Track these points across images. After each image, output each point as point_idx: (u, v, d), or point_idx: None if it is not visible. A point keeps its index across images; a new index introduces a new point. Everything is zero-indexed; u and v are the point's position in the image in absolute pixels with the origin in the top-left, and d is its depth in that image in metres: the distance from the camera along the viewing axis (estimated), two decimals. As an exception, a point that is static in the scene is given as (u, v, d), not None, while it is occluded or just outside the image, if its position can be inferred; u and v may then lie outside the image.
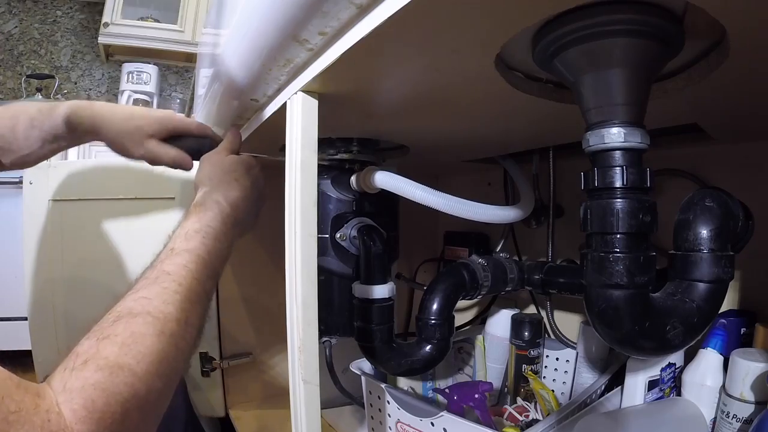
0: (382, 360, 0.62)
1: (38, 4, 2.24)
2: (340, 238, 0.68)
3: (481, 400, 0.65)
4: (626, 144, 0.33)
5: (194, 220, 0.49)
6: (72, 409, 0.30)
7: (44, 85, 2.15)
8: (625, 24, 0.31)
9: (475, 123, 0.57)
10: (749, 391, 0.49)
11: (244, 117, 0.64)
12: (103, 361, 0.33)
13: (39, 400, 0.28)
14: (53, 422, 0.28)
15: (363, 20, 0.31)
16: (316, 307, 0.43)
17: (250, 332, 0.97)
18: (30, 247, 0.86)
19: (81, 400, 0.30)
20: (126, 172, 0.87)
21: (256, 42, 0.41)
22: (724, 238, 0.43)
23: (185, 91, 2.43)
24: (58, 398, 0.30)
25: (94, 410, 0.30)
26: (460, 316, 1.03)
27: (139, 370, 0.34)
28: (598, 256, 0.35)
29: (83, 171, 0.92)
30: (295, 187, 0.44)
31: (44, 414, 0.28)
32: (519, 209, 0.70)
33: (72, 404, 0.30)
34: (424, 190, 0.58)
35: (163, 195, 0.92)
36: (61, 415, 0.29)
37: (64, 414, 0.29)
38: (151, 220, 0.92)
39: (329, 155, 0.69)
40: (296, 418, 0.43)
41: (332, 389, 0.79)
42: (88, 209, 0.89)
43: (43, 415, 0.28)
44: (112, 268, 0.89)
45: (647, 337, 0.36)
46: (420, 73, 0.38)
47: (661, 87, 0.42)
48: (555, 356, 0.81)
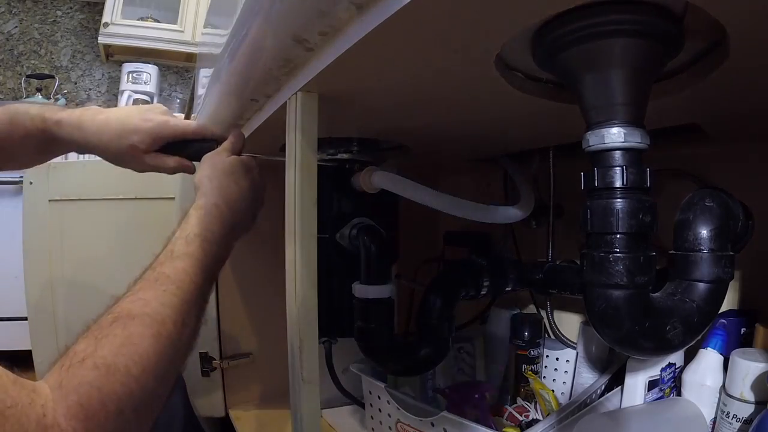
0: (382, 360, 0.62)
1: (38, 4, 2.24)
2: (340, 238, 0.69)
3: (481, 400, 0.65)
4: (626, 144, 0.33)
5: (194, 223, 0.49)
6: (67, 406, 0.30)
7: (44, 85, 2.15)
8: (625, 24, 0.31)
9: (475, 123, 0.57)
10: (749, 391, 0.49)
11: (244, 117, 0.64)
12: (100, 360, 0.33)
13: (34, 396, 0.29)
14: (48, 417, 0.29)
15: (363, 20, 0.31)
16: (316, 307, 0.43)
17: (250, 332, 0.97)
18: (30, 248, 0.86)
19: (76, 397, 0.30)
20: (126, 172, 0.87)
21: (256, 42, 0.41)
22: (724, 238, 0.43)
23: (185, 91, 2.42)
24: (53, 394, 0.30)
25: (89, 408, 0.31)
26: (460, 316, 1.03)
27: (135, 370, 0.34)
28: (598, 256, 0.35)
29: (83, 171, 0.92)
30: (295, 187, 0.44)
31: (39, 409, 0.28)
32: (519, 209, 0.70)
33: (67, 401, 0.30)
34: (424, 190, 0.59)
35: (163, 195, 0.92)
36: (56, 411, 0.29)
37: (58, 410, 0.29)
38: (151, 220, 0.92)
39: (329, 155, 0.69)
40: (296, 418, 0.43)
41: (332, 389, 0.79)
42: (88, 209, 0.89)
43: (39, 410, 0.28)
44: (112, 268, 0.89)
45: (647, 337, 0.36)
46: (420, 73, 0.38)
47: (661, 87, 0.42)
48: (555, 356, 0.81)
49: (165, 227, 0.91)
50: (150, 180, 0.90)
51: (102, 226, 0.90)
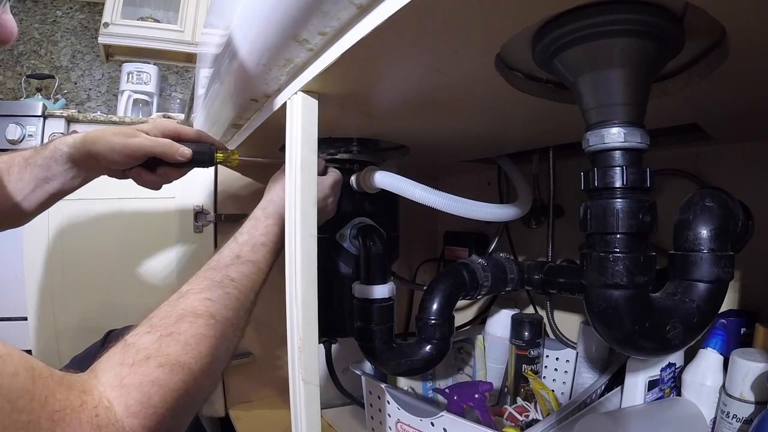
0: (382, 360, 0.62)
1: (38, 4, 2.24)
2: (340, 238, 0.68)
3: (481, 400, 0.65)
4: (626, 144, 0.33)
5: (263, 232, 0.51)
6: (126, 404, 0.30)
7: (44, 85, 2.15)
8: (625, 24, 0.31)
9: (475, 123, 0.57)
10: (749, 391, 0.49)
11: (244, 117, 0.64)
12: (164, 358, 0.34)
13: (85, 396, 0.28)
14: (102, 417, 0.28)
15: (363, 20, 0.31)
16: (316, 307, 0.43)
17: (250, 332, 0.97)
18: (30, 247, 0.86)
19: (138, 395, 0.31)
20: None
21: (256, 42, 0.41)
22: (724, 238, 0.43)
23: (185, 91, 2.42)
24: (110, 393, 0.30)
25: (149, 405, 0.31)
26: (460, 316, 1.03)
27: (197, 369, 0.35)
28: (598, 256, 0.35)
29: (83, 171, 0.92)
30: (295, 187, 0.44)
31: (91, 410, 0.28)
32: (517, 207, 0.70)
33: (127, 399, 0.30)
34: (424, 190, 0.59)
35: (163, 195, 0.92)
36: (111, 410, 0.29)
37: (114, 409, 0.29)
38: (151, 220, 0.92)
39: (329, 155, 0.69)
40: (296, 418, 0.43)
41: (332, 389, 0.79)
42: (88, 209, 0.89)
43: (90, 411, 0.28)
44: (112, 268, 0.89)
45: (647, 337, 0.36)
46: (420, 73, 0.38)
47: (661, 87, 0.42)
48: (555, 356, 0.81)
49: (165, 227, 0.92)
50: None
51: (102, 226, 0.90)
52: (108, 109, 2.27)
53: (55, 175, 0.57)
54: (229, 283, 0.44)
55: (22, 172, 0.56)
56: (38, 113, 1.53)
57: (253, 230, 0.51)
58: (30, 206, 0.57)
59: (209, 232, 0.93)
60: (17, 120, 1.52)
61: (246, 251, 0.48)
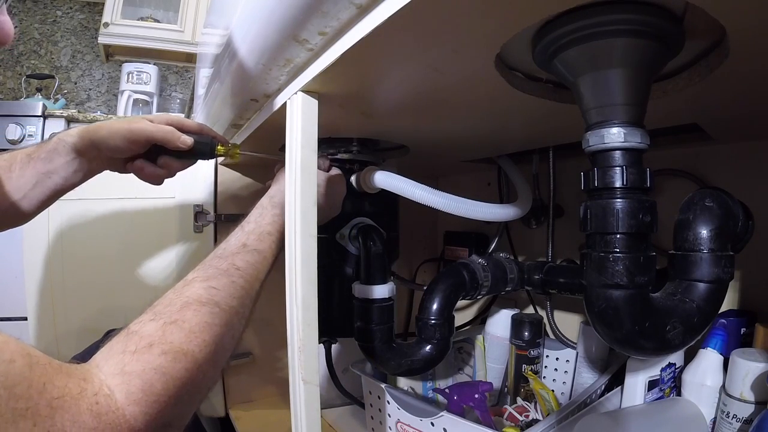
0: (382, 360, 0.62)
1: (38, 4, 2.24)
2: (340, 238, 0.68)
3: (481, 400, 0.65)
4: (626, 144, 0.33)
5: (270, 221, 0.51)
6: (127, 392, 0.30)
7: (44, 85, 2.15)
8: (625, 24, 0.31)
9: (475, 123, 0.57)
10: (749, 391, 0.49)
11: (244, 117, 0.64)
12: (168, 345, 0.33)
13: (85, 384, 0.28)
14: (102, 404, 0.28)
15: (363, 20, 0.31)
16: (316, 308, 0.43)
17: (250, 332, 0.97)
18: (30, 247, 0.86)
19: (140, 383, 0.30)
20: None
21: (256, 42, 0.41)
22: (724, 238, 0.43)
23: (185, 91, 2.42)
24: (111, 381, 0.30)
25: (151, 393, 0.31)
26: (460, 316, 1.03)
27: (201, 357, 0.35)
28: (598, 256, 0.35)
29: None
30: (295, 187, 0.44)
31: (91, 397, 0.28)
32: (517, 207, 0.70)
33: (129, 386, 0.30)
34: (424, 190, 0.58)
35: (163, 195, 0.92)
36: (111, 398, 0.29)
37: (115, 396, 0.29)
38: (151, 220, 0.92)
39: (329, 155, 0.69)
40: (296, 418, 0.43)
41: (332, 389, 0.79)
42: (88, 209, 0.89)
43: (90, 399, 0.28)
44: (111, 267, 0.89)
45: (647, 337, 0.36)
46: (420, 73, 0.38)
47: (661, 87, 0.42)
48: (555, 356, 0.81)
49: (165, 227, 0.92)
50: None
51: (102, 226, 0.90)
52: (108, 109, 2.27)
53: (57, 169, 0.57)
54: (234, 272, 0.44)
55: (24, 168, 0.56)
56: (38, 113, 1.53)
57: (260, 219, 0.51)
58: (30, 204, 0.57)
59: (209, 232, 0.94)
60: (17, 120, 1.52)
61: (252, 240, 0.48)
